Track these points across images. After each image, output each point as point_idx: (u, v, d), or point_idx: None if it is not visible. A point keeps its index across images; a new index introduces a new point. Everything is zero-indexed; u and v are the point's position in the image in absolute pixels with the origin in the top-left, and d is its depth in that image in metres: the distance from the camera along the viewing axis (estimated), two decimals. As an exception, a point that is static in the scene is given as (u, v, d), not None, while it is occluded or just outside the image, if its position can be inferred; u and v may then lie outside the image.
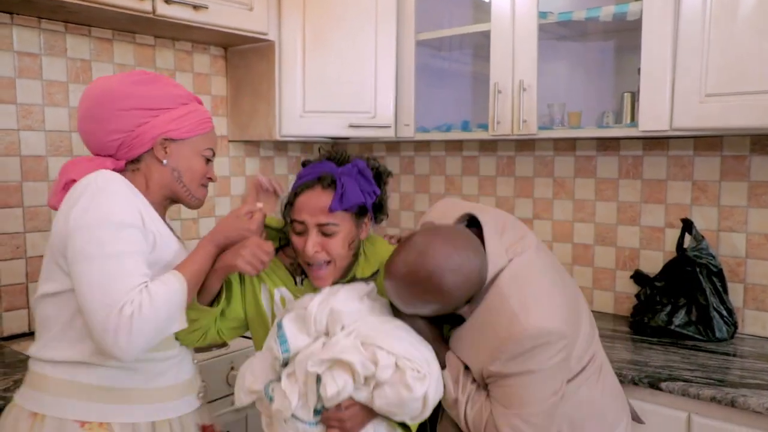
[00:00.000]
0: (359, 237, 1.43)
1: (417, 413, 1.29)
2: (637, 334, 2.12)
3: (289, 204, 1.41)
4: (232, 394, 1.99)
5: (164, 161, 1.38)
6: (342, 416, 1.27)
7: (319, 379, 1.24)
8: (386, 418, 1.33)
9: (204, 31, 2.22)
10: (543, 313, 1.24)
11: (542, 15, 2.12)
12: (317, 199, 1.35)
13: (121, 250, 1.23)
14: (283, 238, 1.51)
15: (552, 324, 1.23)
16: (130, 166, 1.39)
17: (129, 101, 1.34)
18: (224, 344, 1.97)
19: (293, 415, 1.28)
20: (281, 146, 2.85)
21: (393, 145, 2.93)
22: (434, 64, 2.74)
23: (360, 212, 1.40)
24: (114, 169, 1.34)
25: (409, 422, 1.32)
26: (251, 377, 1.35)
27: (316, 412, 1.28)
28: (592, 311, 2.35)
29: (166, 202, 1.44)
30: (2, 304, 2.00)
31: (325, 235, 1.36)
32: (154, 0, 1.95)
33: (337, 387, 1.23)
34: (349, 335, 1.27)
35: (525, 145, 2.54)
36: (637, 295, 2.21)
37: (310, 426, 1.29)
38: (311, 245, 1.35)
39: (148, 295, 1.21)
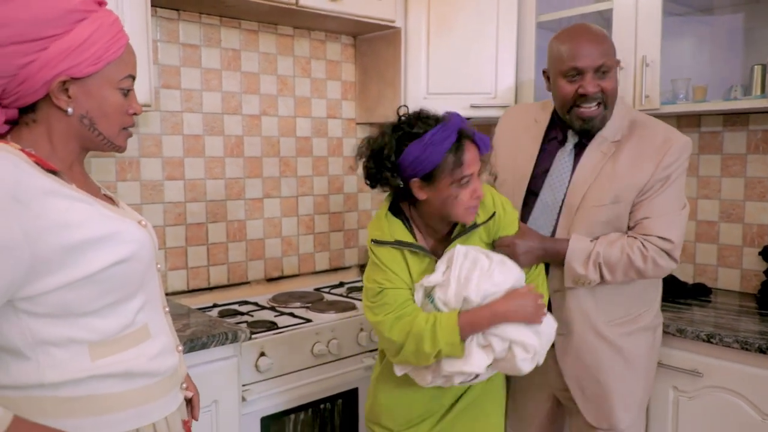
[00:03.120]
0: None
1: None
2: (766, 309, 2.08)
3: (456, 165, 1.44)
4: (362, 353, 2.19)
5: (68, 109, 1.05)
6: None
7: None
8: None
9: (338, 20, 2.42)
10: None
11: (667, -10, 2.13)
12: (475, 153, 1.47)
13: None
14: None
15: None
16: (23, 117, 1.06)
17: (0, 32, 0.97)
18: None
19: None
20: (404, 129, 3.01)
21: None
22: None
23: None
24: (6, 121, 1.06)
25: None
26: None
27: None
28: (717, 289, 2.34)
29: (82, 153, 1.13)
30: (167, 264, 2.31)
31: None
32: (297, -8, 2.18)
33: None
34: None
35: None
36: (766, 272, 2.16)
37: None
38: (480, 187, 1.49)
39: None
